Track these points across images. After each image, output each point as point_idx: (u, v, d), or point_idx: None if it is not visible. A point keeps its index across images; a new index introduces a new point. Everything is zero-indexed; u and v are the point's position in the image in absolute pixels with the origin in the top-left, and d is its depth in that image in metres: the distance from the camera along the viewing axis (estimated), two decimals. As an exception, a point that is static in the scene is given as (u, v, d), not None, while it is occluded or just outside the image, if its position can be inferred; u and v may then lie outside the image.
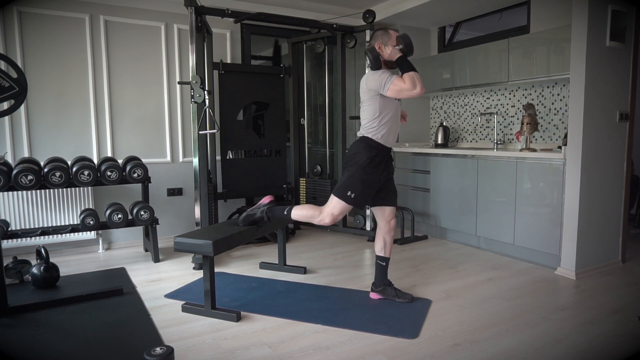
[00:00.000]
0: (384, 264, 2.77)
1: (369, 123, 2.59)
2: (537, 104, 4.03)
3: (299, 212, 2.67)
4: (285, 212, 2.71)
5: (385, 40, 2.57)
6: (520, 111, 4.19)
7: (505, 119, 4.37)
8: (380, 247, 2.76)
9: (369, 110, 2.58)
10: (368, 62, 2.56)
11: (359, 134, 2.66)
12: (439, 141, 4.77)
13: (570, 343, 2.23)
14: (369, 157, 2.56)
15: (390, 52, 2.53)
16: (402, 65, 2.49)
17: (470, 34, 4.83)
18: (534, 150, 3.63)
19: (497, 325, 2.42)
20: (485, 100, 4.57)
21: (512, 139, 4.28)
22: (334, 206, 2.58)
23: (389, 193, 2.73)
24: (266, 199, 2.82)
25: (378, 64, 2.54)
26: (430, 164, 4.37)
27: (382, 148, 2.61)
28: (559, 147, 3.45)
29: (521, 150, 3.68)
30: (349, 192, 2.55)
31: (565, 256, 3.25)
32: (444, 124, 4.93)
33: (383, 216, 2.74)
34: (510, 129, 4.32)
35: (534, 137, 4.03)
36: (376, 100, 2.55)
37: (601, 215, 3.31)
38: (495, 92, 4.46)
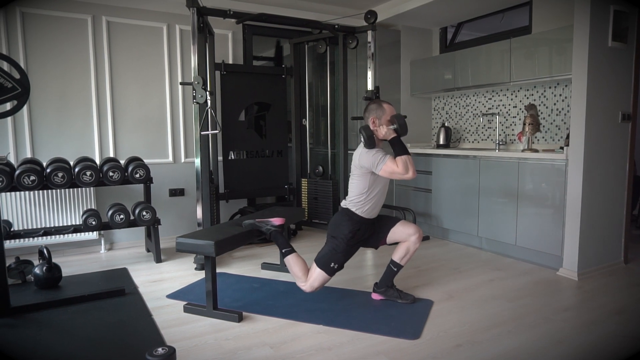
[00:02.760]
0: (396, 270, 2.76)
1: (356, 197, 2.63)
2: (539, 105, 4.03)
3: (292, 264, 2.72)
4: (283, 251, 2.77)
5: (379, 115, 2.58)
6: (522, 112, 4.19)
7: (507, 120, 4.36)
8: (400, 255, 2.72)
9: (358, 186, 2.62)
10: (362, 140, 2.56)
11: (344, 204, 2.71)
12: (441, 142, 4.77)
13: (573, 344, 2.23)
14: (352, 231, 2.63)
15: (385, 132, 2.56)
16: (396, 148, 2.52)
17: (472, 35, 4.82)
18: (536, 150, 3.62)
19: (499, 326, 2.42)
20: (487, 101, 4.57)
21: (514, 140, 4.28)
22: (315, 278, 2.66)
23: (381, 226, 2.74)
24: (277, 221, 2.85)
25: (372, 143, 2.54)
26: (432, 164, 4.37)
27: (365, 221, 2.67)
28: (561, 148, 3.44)
29: (523, 150, 3.68)
30: (332, 264, 2.64)
31: (567, 257, 3.24)
32: (446, 124, 4.93)
33: (401, 235, 2.71)
34: (512, 130, 4.31)
35: (536, 137, 4.02)
36: (367, 177, 2.58)
37: (603, 216, 3.30)
38: (497, 93, 4.45)
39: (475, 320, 2.49)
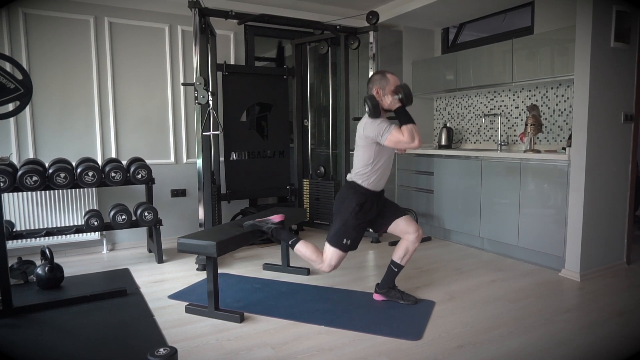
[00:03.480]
0: (397, 270, 2.76)
1: (362, 169, 2.60)
2: (541, 105, 4.02)
3: (302, 251, 2.69)
4: (290, 242, 2.73)
5: (383, 85, 2.55)
6: (524, 112, 4.18)
7: (509, 120, 4.36)
8: (400, 255, 2.72)
9: (363, 156, 2.59)
10: (367, 109, 2.53)
11: (349, 177, 2.68)
12: (443, 142, 4.77)
13: (575, 345, 2.22)
14: (359, 204, 2.59)
15: (390, 102, 2.52)
16: (401, 117, 2.49)
17: (474, 35, 4.82)
18: (538, 151, 3.61)
19: (501, 327, 2.41)
20: (489, 102, 4.56)
21: (516, 140, 4.27)
22: (332, 257, 2.63)
23: (388, 210, 2.73)
24: (277, 218, 2.82)
25: (377, 112, 2.51)
26: (433, 165, 4.37)
27: (371, 193, 2.63)
28: (563, 149, 3.44)
29: (525, 151, 3.67)
30: (345, 240, 2.60)
31: (569, 258, 3.23)
32: (448, 125, 4.92)
33: (402, 230, 2.71)
34: (514, 130, 4.30)
35: (538, 138, 4.02)
36: (372, 148, 2.55)
37: (606, 217, 3.29)
38: (499, 93, 4.45)
39: (477, 321, 2.49)
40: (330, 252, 2.62)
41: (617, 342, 2.25)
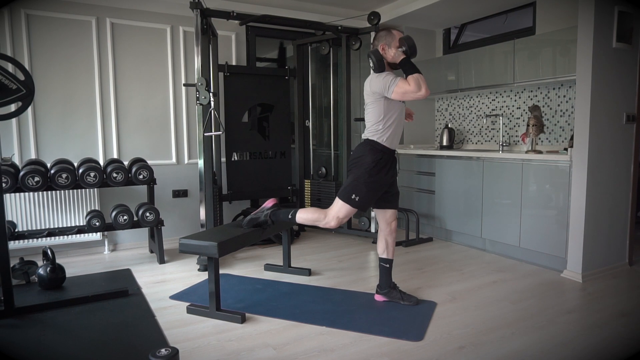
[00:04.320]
0: (388, 265, 2.76)
1: (374, 126, 2.57)
2: (543, 106, 4.01)
3: (304, 216, 2.68)
4: (289, 216, 2.72)
5: (389, 41, 2.55)
6: (526, 113, 4.17)
7: (510, 121, 4.35)
8: (382, 248, 2.75)
9: (374, 113, 2.56)
10: (371, 64, 2.53)
11: (364, 136, 2.64)
12: (444, 143, 4.76)
13: (577, 346, 2.22)
14: (374, 160, 2.55)
15: (393, 54, 2.52)
16: (406, 68, 2.47)
17: (476, 36, 4.82)
18: (540, 152, 3.61)
19: (503, 328, 2.41)
20: (490, 102, 4.56)
21: (518, 141, 4.26)
22: (339, 209, 2.58)
23: (393, 196, 2.73)
24: (269, 202, 2.81)
25: (382, 66, 2.51)
26: (435, 165, 4.36)
27: (387, 151, 2.60)
28: (565, 149, 3.43)
29: (527, 152, 3.67)
30: (354, 195, 2.54)
31: (571, 259, 3.22)
32: (449, 125, 4.92)
33: (384, 218, 2.74)
34: (516, 131, 4.30)
35: (539, 139, 4.01)
36: (380, 103, 2.53)
37: (608, 218, 3.29)
38: (500, 94, 4.44)
39: (479, 322, 2.49)
40: (338, 205, 2.59)
41: (620, 344, 2.25)
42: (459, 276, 3.29)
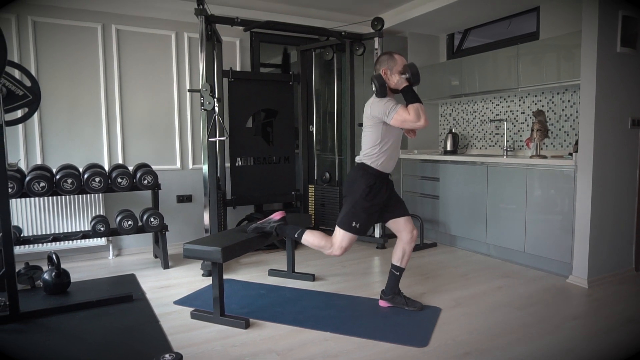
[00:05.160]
0: (398, 274, 2.75)
1: (370, 150, 2.59)
2: (547, 111, 4.01)
3: (310, 239, 2.68)
4: (296, 235, 2.72)
5: (391, 66, 2.55)
6: (530, 118, 4.17)
7: (515, 126, 4.34)
8: (398, 257, 2.72)
9: (371, 137, 2.57)
10: (374, 88, 2.53)
11: (358, 159, 2.66)
12: (448, 148, 4.75)
13: (583, 353, 2.20)
14: (368, 185, 2.56)
15: (397, 81, 2.52)
16: (407, 96, 2.48)
17: (479, 41, 4.82)
18: (545, 157, 3.60)
19: (508, 334, 2.39)
20: (494, 107, 4.55)
21: (522, 146, 4.25)
22: (342, 239, 2.60)
23: (395, 204, 2.72)
24: (277, 215, 2.81)
25: (384, 92, 2.52)
26: (439, 171, 4.35)
27: (381, 175, 2.61)
28: (570, 154, 3.42)
29: (531, 157, 3.66)
30: (354, 223, 2.56)
31: (577, 264, 3.20)
32: (453, 130, 4.91)
33: (400, 228, 2.71)
34: (520, 136, 4.29)
35: (544, 143, 4.00)
36: (379, 128, 2.54)
37: (613, 223, 3.27)
38: (504, 99, 4.44)
39: (484, 328, 2.47)
40: (341, 235, 2.59)
41: (627, 351, 2.23)
42: (464, 282, 3.28)
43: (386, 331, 2.44)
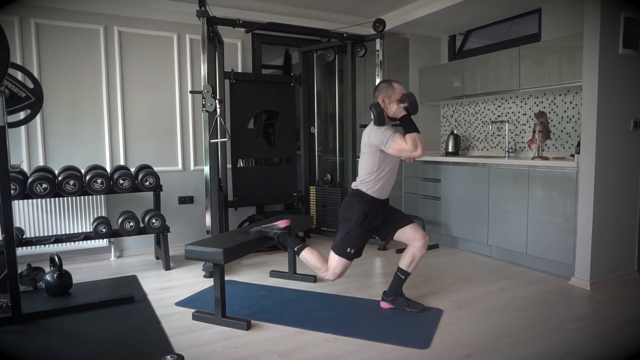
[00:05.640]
0: (404, 277, 2.75)
1: (366, 176, 2.61)
2: (549, 112, 4.00)
3: (308, 258, 2.69)
4: (296, 249, 2.73)
5: (389, 94, 2.56)
6: (532, 119, 4.16)
7: (516, 127, 4.34)
8: (406, 262, 2.71)
9: (368, 164, 2.60)
10: (372, 116, 2.55)
11: (354, 185, 2.68)
12: (450, 149, 4.75)
13: (585, 355, 2.19)
14: (363, 212, 2.59)
15: (395, 110, 2.54)
16: (405, 125, 2.50)
17: (481, 42, 4.82)
18: (546, 158, 3.59)
19: (510, 336, 2.39)
20: (496, 108, 4.55)
21: (524, 147, 4.25)
22: (336, 265, 2.62)
23: (395, 217, 2.74)
24: (282, 223, 2.82)
25: (382, 120, 2.53)
26: (441, 172, 4.35)
27: (376, 201, 2.63)
28: (572, 156, 3.41)
29: (533, 158, 3.65)
30: (348, 249, 2.60)
31: (579, 266, 3.20)
32: (455, 132, 4.91)
33: (410, 237, 2.70)
34: (522, 137, 4.28)
35: (546, 145, 3.99)
36: (376, 155, 2.56)
37: (616, 224, 3.26)
38: (506, 100, 4.43)
39: (486, 330, 2.47)
40: (335, 261, 2.63)
41: (629, 353, 2.22)
42: (466, 283, 3.27)
43: (388, 333, 2.44)
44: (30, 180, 3.14)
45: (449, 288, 3.17)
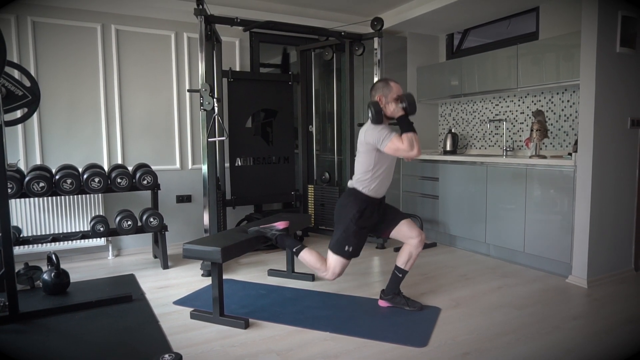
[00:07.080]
0: (401, 276, 2.75)
1: (362, 175, 2.61)
2: (547, 111, 4.01)
3: (307, 259, 2.69)
4: (294, 250, 2.73)
5: (386, 93, 2.56)
6: (530, 118, 4.17)
7: (514, 126, 4.35)
8: (403, 260, 2.72)
9: (364, 163, 2.60)
10: (370, 115, 2.54)
11: (350, 184, 2.69)
12: (448, 148, 4.76)
13: (583, 353, 2.20)
14: (359, 210, 2.59)
15: (393, 109, 2.54)
16: (403, 125, 2.51)
17: (479, 41, 4.82)
18: (544, 157, 3.60)
19: (508, 334, 2.40)
20: (494, 107, 4.56)
21: (522, 146, 4.26)
22: (335, 265, 2.63)
23: (390, 215, 2.74)
24: (281, 224, 2.82)
25: (380, 119, 2.53)
26: (438, 170, 4.36)
27: (372, 200, 2.63)
28: (569, 154, 3.42)
29: (531, 157, 3.66)
30: (346, 247, 2.60)
31: (576, 264, 3.21)
32: (453, 130, 4.91)
33: (406, 235, 2.71)
34: (520, 136, 4.29)
35: (543, 144, 4.00)
36: (372, 154, 2.56)
37: (613, 223, 3.27)
38: (504, 99, 4.44)
39: (483, 328, 2.47)
40: (333, 260, 2.63)
41: (626, 350, 2.23)
42: (463, 282, 3.28)
43: (386, 331, 2.44)
44: (27, 179, 3.13)
45: (446, 286, 3.17)
